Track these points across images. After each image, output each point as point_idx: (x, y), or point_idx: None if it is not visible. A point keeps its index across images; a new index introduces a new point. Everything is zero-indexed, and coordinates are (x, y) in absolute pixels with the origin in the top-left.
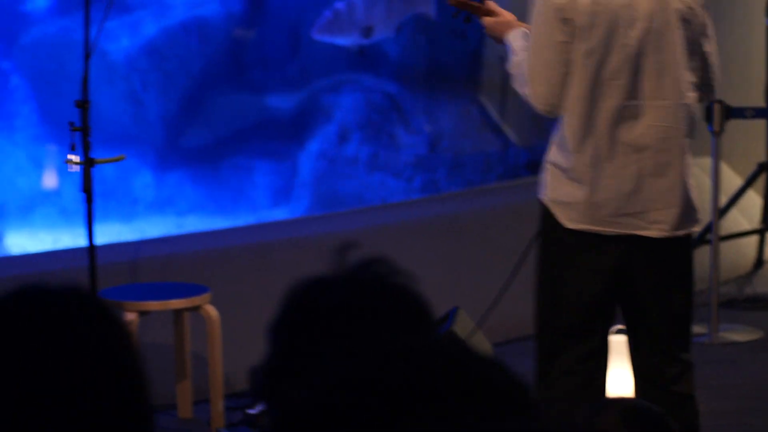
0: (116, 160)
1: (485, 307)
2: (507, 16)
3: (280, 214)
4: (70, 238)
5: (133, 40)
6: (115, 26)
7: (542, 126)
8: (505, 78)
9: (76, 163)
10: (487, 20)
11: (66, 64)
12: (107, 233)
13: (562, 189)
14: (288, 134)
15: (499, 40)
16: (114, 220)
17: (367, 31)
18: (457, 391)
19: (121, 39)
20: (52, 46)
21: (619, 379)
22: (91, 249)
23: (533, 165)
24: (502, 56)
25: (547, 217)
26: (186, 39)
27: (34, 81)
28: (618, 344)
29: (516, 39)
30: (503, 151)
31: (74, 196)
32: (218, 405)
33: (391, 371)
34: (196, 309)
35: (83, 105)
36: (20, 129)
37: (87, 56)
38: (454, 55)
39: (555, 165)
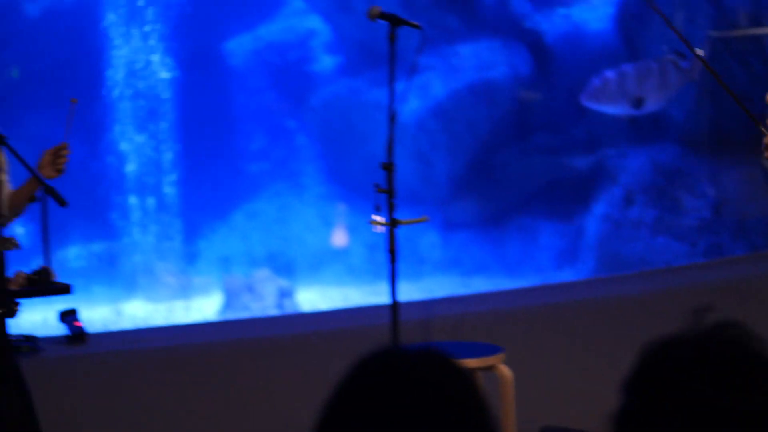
0: (419, 222)
1: None
2: None
3: (565, 275)
4: (359, 295)
5: (422, 101)
6: (403, 87)
7: None
8: None
9: (382, 224)
10: None
11: (354, 124)
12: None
13: None
14: (574, 197)
15: None
16: (401, 278)
17: (637, 102)
18: None
19: (410, 100)
20: (340, 106)
21: None
22: (394, 307)
23: None
24: None
25: None
26: (473, 101)
27: (322, 140)
28: None
29: None
30: None
31: (361, 254)
32: None
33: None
34: (490, 369)
35: (389, 167)
36: (308, 187)
37: (392, 119)
38: (738, 119)
39: None
